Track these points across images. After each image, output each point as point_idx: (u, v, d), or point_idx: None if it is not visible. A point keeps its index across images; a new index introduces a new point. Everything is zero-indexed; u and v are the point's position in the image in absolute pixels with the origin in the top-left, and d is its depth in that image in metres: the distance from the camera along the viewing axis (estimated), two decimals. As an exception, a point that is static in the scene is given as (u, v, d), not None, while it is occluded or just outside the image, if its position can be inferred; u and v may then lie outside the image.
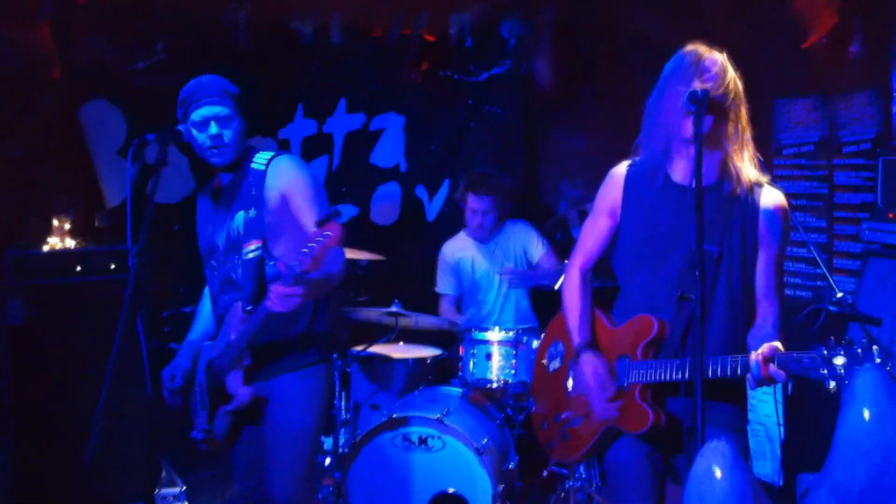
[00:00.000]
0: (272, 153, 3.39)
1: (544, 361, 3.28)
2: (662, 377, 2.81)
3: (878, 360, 2.43)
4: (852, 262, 4.69)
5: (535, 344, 4.73)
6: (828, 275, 3.89)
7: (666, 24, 5.21)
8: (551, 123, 6.34)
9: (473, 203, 5.38)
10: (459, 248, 5.57)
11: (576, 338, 3.08)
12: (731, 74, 2.82)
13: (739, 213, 2.87)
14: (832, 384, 2.51)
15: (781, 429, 4.48)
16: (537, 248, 5.54)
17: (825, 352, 2.52)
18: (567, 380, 3.14)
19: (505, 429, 4.77)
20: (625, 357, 2.93)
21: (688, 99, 2.70)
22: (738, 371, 2.67)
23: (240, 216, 3.31)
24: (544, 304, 5.44)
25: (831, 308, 3.67)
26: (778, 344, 2.69)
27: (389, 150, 6.45)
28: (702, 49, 2.84)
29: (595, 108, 6.02)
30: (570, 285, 3.18)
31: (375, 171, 6.45)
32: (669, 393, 2.90)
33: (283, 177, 3.30)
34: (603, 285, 3.22)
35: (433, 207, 6.49)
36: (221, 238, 3.39)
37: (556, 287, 4.67)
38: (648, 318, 2.91)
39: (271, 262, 3.26)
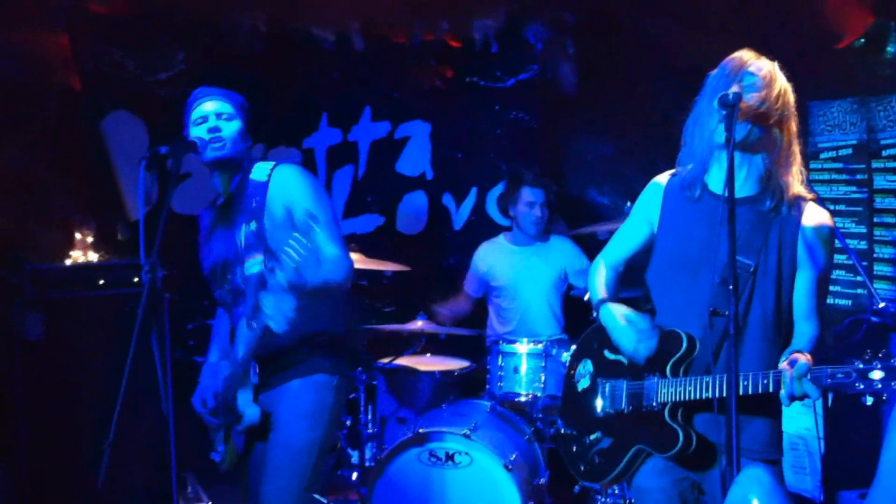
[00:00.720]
0: (273, 163, 3.34)
1: (573, 380, 3.15)
2: (693, 395, 2.69)
3: None
4: (894, 269, 4.53)
5: (565, 356, 4.63)
6: (868, 283, 3.75)
7: (698, 28, 5.07)
8: (578, 129, 6.20)
9: (529, 196, 5.30)
10: (496, 252, 5.44)
11: (595, 294, 3.02)
12: (781, 84, 2.71)
13: (779, 229, 2.75)
14: (870, 400, 2.37)
15: (822, 442, 4.32)
16: (580, 272, 5.37)
17: (860, 365, 2.38)
18: (596, 400, 3.01)
19: (535, 443, 4.67)
20: (654, 375, 2.81)
21: (719, 103, 2.57)
22: (770, 387, 2.54)
23: (242, 229, 3.27)
24: (575, 312, 5.30)
25: (873, 319, 3.53)
26: (803, 355, 2.56)
27: (415, 159, 6.36)
28: (747, 55, 2.72)
29: (623, 113, 5.88)
30: (595, 268, 3.14)
31: (401, 180, 6.37)
32: (700, 411, 2.77)
33: (286, 188, 3.24)
34: (637, 296, 3.10)
35: (460, 216, 6.39)
36: (231, 252, 3.32)
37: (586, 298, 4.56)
38: (677, 334, 2.78)
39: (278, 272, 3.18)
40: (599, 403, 2.99)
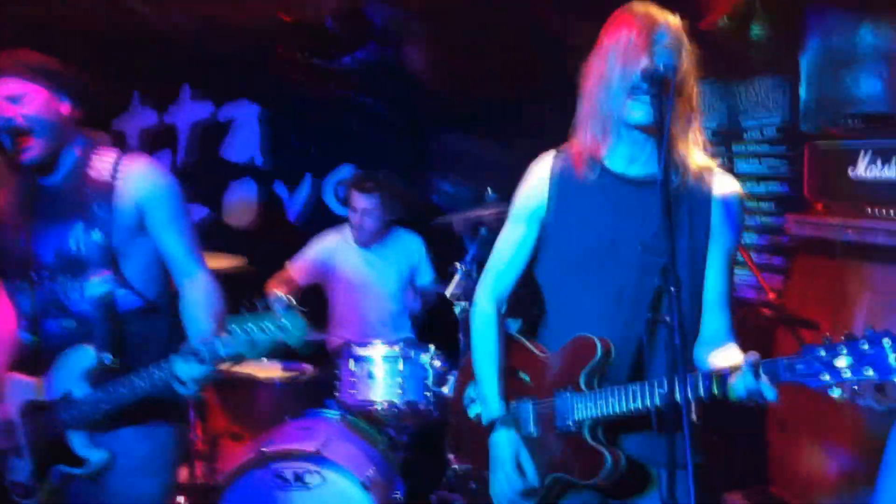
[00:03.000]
0: (115, 156, 2.87)
1: (462, 406, 2.70)
2: (617, 409, 2.31)
3: (893, 356, 1.94)
4: (758, 255, 4.38)
5: (424, 358, 4.33)
6: (757, 275, 3.53)
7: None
8: (431, 116, 5.79)
9: (356, 201, 4.85)
10: (340, 247, 5.01)
11: (491, 400, 2.54)
12: (687, 45, 2.36)
13: (688, 207, 2.41)
14: (837, 392, 2.03)
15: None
16: (425, 274, 5.08)
17: (822, 353, 2.01)
18: None
19: (389, 454, 4.29)
20: (565, 390, 2.42)
21: (646, 77, 2.21)
22: (714, 389, 2.16)
23: (77, 232, 2.78)
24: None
25: (763, 313, 3.30)
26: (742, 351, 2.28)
27: (243, 143, 5.93)
28: (654, 12, 2.35)
29: (482, 100, 5.48)
30: (482, 321, 2.62)
31: (227, 167, 5.93)
32: (627, 426, 2.39)
33: (140, 189, 2.83)
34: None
35: (294, 206, 5.88)
36: (48, 252, 2.81)
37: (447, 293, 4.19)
38: (589, 338, 2.39)
39: (124, 291, 2.82)
40: None
